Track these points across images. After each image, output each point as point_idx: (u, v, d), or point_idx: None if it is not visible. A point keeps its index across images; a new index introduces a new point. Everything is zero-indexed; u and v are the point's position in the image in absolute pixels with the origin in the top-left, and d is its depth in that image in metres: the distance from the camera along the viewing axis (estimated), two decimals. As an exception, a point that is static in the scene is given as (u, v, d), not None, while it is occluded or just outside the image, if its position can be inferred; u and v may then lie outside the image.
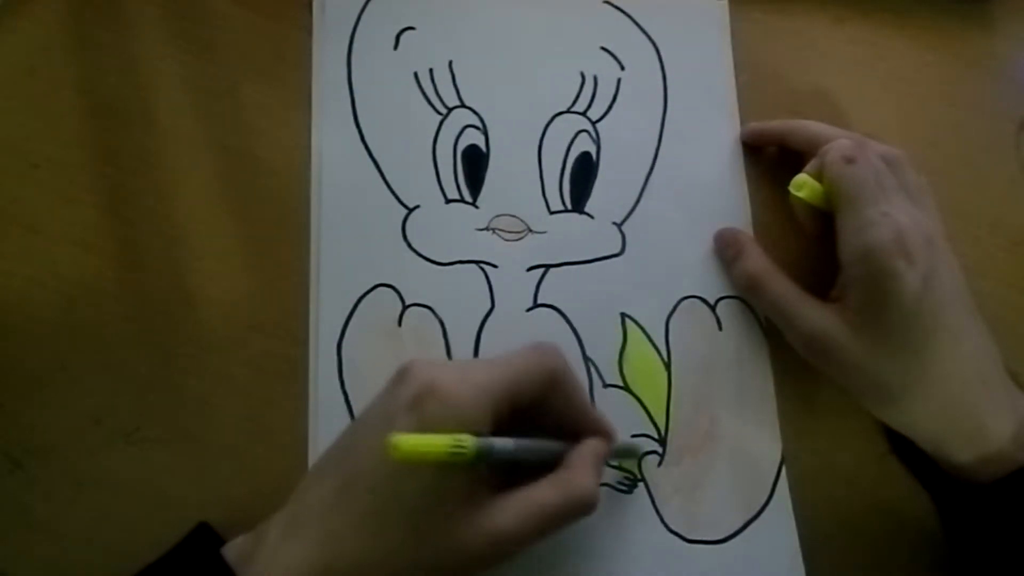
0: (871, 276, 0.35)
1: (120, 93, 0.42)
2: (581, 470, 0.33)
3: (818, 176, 0.39)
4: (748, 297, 0.42)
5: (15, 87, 0.41)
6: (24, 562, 0.36)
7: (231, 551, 0.32)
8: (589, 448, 0.34)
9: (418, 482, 0.30)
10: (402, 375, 0.32)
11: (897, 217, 0.35)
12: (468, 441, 0.29)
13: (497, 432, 0.31)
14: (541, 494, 0.32)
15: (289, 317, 0.40)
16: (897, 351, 0.35)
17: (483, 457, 0.30)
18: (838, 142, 0.38)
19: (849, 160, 0.37)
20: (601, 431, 0.35)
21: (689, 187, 0.44)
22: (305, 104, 0.43)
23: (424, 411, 0.30)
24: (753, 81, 0.46)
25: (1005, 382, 0.36)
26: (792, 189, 0.40)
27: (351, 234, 0.41)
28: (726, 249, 0.42)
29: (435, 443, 0.28)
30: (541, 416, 0.34)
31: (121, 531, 0.36)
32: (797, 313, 0.38)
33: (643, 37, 0.46)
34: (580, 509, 0.33)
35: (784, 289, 0.39)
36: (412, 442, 0.28)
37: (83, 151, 0.41)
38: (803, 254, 0.43)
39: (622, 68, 0.45)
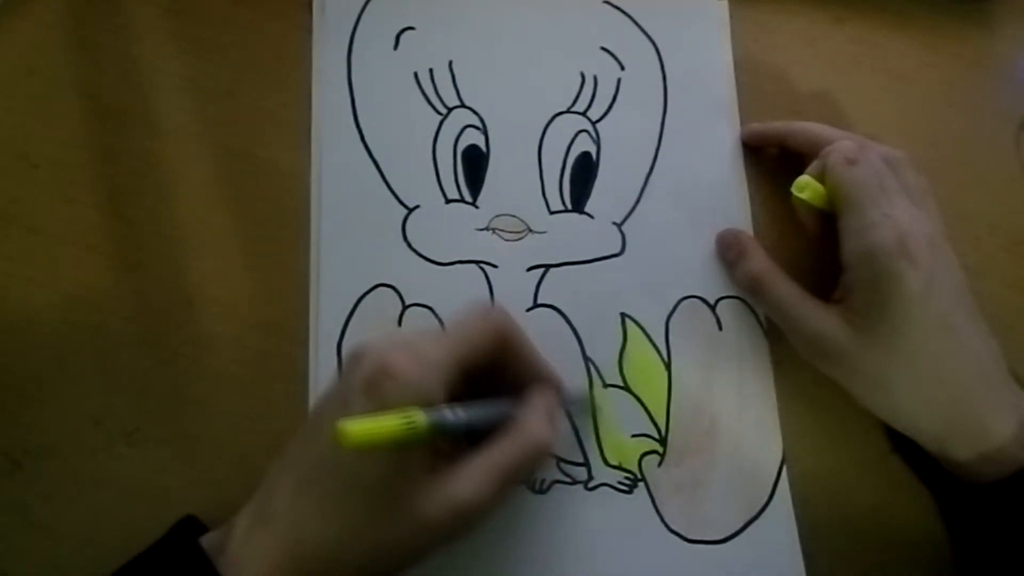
0: (873, 277, 0.35)
1: (120, 93, 0.42)
2: (532, 419, 0.34)
3: (820, 178, 0.39)
4: (750, 298, 0.42)
5: (15, 87, 0.41)
6: (24, 562, 0.36)
7: (206, 543, 0.32)
8: (538, 397, 0.35)
9: (376, 464, 0.30)
10: (356, 358, 0.32)
11: (899, 219, 0.36)
12: (419, 418, 0.29)
13: (451, 398, 0.32)
14: (496, 454, 0.32)
15: (289, 317, 0.40)
16: (899, 352, 0.35)
17: (436, 432, 0.30)
18: (840, 144, 0.38)
19: (851, 162, 0.37)
20: (549, 379, 0.36)
21: (689, 187, 0.44)
22: (305, 104, 0.43)
23: (379, 393, 0.30)
24: (753, 81, 0.46)
25: (1007, 381, 0.36)
26: (794, 191, 0.40)
27: (351, 234, 0.41)
28: (728, 250, 0.42)
29: (384, 426, 0.29)
30: (494, 373, 0.34)
31: (121, 531, 0.36)
32: (799, 314, 0.38)
33: (643, 37, 0.46)
34: (536, 456, 0.33)
35: (787, 290, 0.39)
36: (360, 428, 0.28)
37: (83, 151, 0.41)
38: (804, 255, 0.43)
39: (622, 68, 0.45)
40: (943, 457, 0.37)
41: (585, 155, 0.44)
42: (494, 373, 0.34)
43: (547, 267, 0.42)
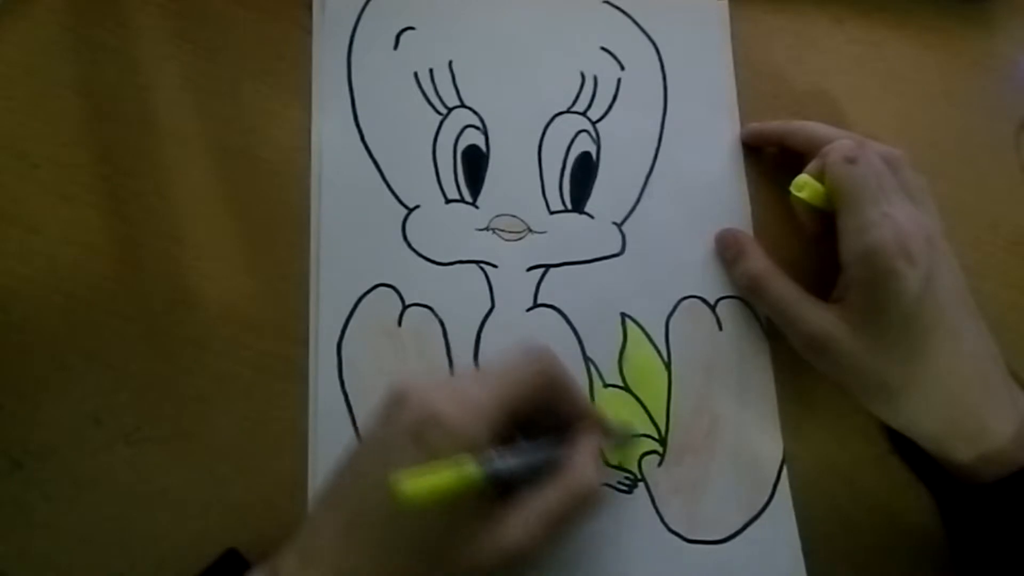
0: (872, 277, 0.35)
1: (120, 93, 0.42)
2: (581, 468, 0.33)
3: (819, 177, 0.39)
4: (749, 298, 0.42)
5: (15, 87, 0.41)
6: (24, 562, 0.36)
7: None
8: (585, 439, 0.34)
9: (430, 520, 0.30)
10: (399, 401, 0.32)
11: (898, 218, 0.35)
12: (472, 469, 0.29)
13: (498, 441, 0.32)
14: (546, 501, 0.32)
15: (289, 317, 0.40)
16: (898, 351, 0.35)
17: (489, 482, 0.30)
18: (839, 143, 0.38)
19: (850, 160, 0.37)
20: (593, 418, 0.36)
21: (689, 187, 0.44)
22: (305, 104, 0.43)
23: (427, 442, 0.30)
24: (753, 81, 0.46)
25: (1006, 381, 0.36)
26: (793, 190, 0.40)
27: (351, 234, 0.41)
28: (727, 250, 0.42)
29: (440, 482, 0.28)
30: (538, 413, 0.34)
31: (121, 531, 0.36)
32: (798, 314, 0.38)
33: (643, 37, 0.46)
34: (586, 506, 0.33)
35: (785, 290, 0.39)
36: (417, 486, 0.28)
37: (83, 151, 0.41)
38: (803, 254, 0.43)
39: (622, 68, 0.45)
40: (942, 457, 0.37)
41: (585, 155, 0.44)
42: (537, 411, 0.34)
43: (547, 267, 0.42)
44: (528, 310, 0.41)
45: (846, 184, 0.37)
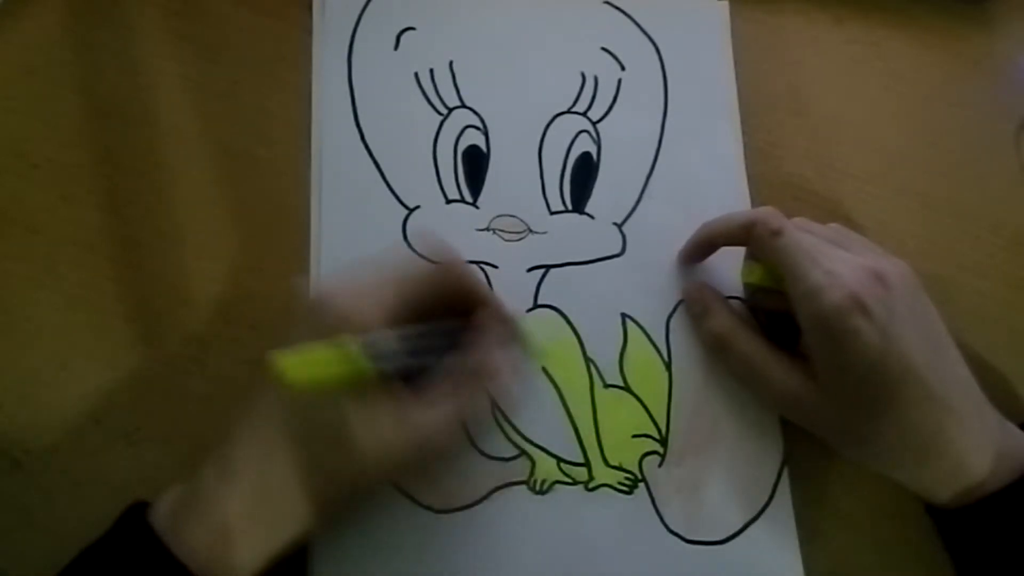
0: (832, 339, 0.34)
1: (120, 93, 0.42)
2: (486, 347, 0.35)
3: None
4: (715, 355, 0.41)
5: (15, 87, 0.41)
6: (24, 562, 0.36)
7: (163, 507, 0.32)
8: (492, 329, 0.36)
9: (322, 401, 0.31)
10: (311, 305, 0.34)
11: (843, 273, 0.34)
12: (353, 345, 0.30)
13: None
14: (451, 380, 0.34)
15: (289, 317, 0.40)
16: (867, 405, 0.35)
17: (372, 358, 0.30)
18: (759, 221, 0.37)
19: (776, 233, 0.36)
20: (497, 310, 0.37)
21: (689, 188, 0.44)
22: (305, 104, 0.43)
23: (316, 320, 0.32)
24: (753, 81, 0.46)
25: (981, 409, 0.36)
26: (744, 279, 0.40)
27: (351, 234, 0.41)
28: (693, 305, 0.41)
29: (318, 357, 0.29)
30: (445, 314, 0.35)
31: (121, 531, 0.36)
32: (765, 375, 0.38)
33: (643, 37, 0.46)
34: (492, 384, 0.35)
35: (751, 349, 0.39)
36: (294, 360, 0.29)
37: (83, 151, 0.41)
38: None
39: (622, 68, 0.45)
40: (925, 498, 0.37)
41: (585, 155, 0.44)
42: (445, 311, 0.35)
43: (547, 267, 0.42)
44: (528, 311, 0.41)
45: (781, 256, 0.36)
